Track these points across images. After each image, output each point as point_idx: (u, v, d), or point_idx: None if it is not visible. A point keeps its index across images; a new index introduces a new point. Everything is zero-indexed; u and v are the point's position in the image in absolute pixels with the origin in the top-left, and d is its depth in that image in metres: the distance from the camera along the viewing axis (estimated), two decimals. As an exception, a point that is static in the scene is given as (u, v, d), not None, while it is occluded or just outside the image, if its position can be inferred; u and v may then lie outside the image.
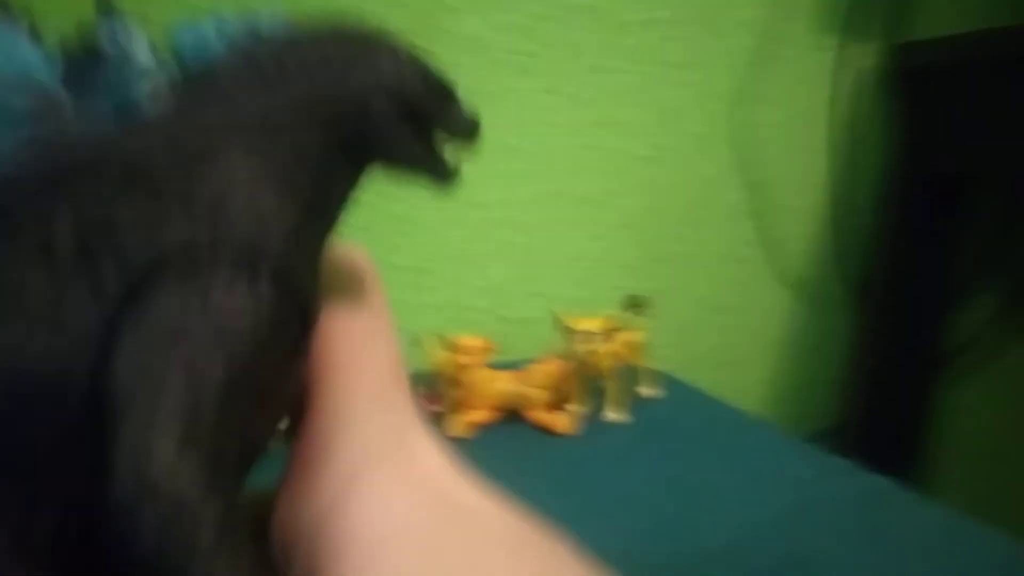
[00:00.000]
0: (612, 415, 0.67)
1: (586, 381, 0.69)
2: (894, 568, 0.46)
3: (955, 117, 0.90)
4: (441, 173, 0.20)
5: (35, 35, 0.17)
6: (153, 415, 0.14)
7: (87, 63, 0.17)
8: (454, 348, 0.65)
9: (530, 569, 0.17)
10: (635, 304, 0.74)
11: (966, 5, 1.00)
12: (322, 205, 0.18)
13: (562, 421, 0.64)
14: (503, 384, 0.66)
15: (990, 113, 0.86)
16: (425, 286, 0.83)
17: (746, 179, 0.96)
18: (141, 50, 0.18)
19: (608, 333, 0.65)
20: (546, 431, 0.64)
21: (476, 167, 0.85)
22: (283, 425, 0.20)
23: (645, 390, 0.74)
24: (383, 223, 0.80)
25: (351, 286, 0.20)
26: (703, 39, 0.89)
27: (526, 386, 0.65)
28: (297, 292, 0.16)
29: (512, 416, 0.66)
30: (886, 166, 0.98)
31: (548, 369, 0.66)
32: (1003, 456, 1.06)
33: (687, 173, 0.92)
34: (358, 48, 0.18)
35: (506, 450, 0.61)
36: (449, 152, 0.20)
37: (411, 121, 0.19)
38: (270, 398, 0.17)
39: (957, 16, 0.99)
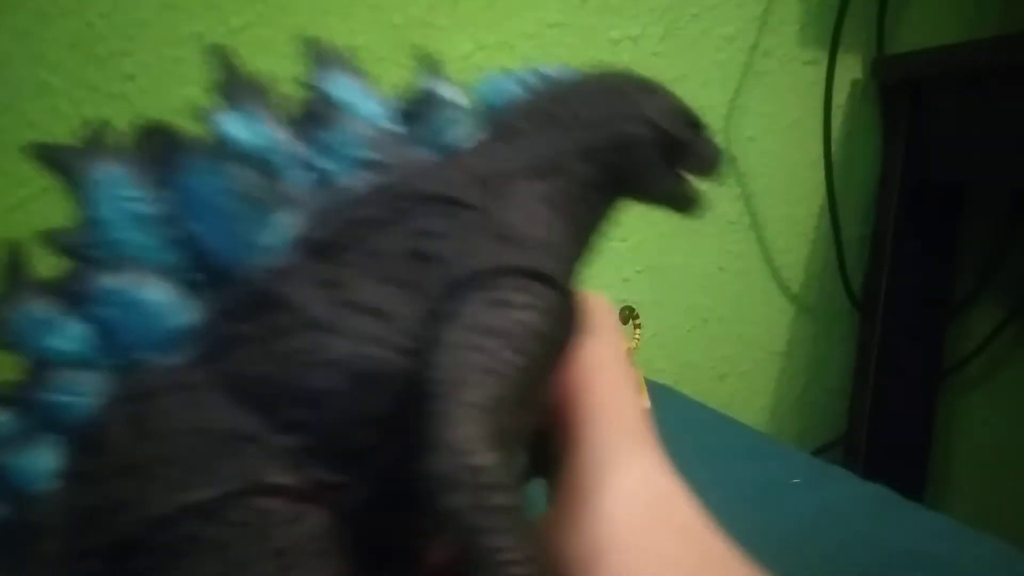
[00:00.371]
0: (608, 427, 0.68)
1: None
2: (886, 574, 0.46)
3: (950, 128, 0.91)
4: (687, 201, 0.23)
5: (375, 86, 0.22)
6: (464, 397, 0.16)
7: (420, 106, 0.21)
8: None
9: None
10: (629, 316, 0.74)
11: (955, 16, 1.01)
12: (588, 233, 0.22)
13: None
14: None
15: (985, 123, 0.87)
16: (421, 302, 0.84)
17: (740, 191, 0.96)
18: (459, 99, 0.22)
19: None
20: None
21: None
22: None
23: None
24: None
25: (600, 326, 0.23)
26: (691, 54, 0.90)
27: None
28: (572, 304, 0.19)
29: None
30: (883, 177, 0.99)
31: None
32: (1010, 467, 1.06)
33: (680, 186, 0.93)
34: (627, 93, 0.22)
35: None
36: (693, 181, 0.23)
37: (666, 156, 0.22)
38: (536, 401, 0.20)
39: (947, 26, 1.00)
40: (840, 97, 0.98)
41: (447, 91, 0.22)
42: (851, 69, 0.98)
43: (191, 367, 0.18)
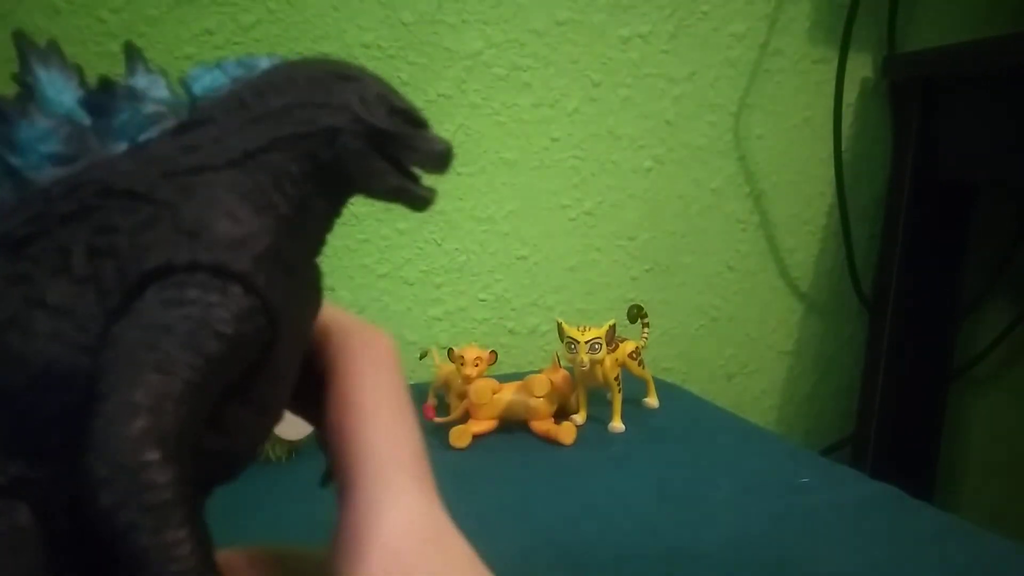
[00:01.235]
0: (615, 425, 0.68)
1: (589, 391, 0.70)
2: (894, 573, 0.46)
3: (961, 127, 0.91)
4: (416, 199, 0.22)
5: (76, 72, 0.21)
6: (126, 395, 0.16)
7: (111, 97, 0.20)
8: (459, 360, 0.65)
9: None
10: (638, 315, 0.74)
11: (967, 14, 1.00)
12: (302, 225, 0.20)
13: (565, 431, 0.65)
14: (507, 395, 0.66)
15: (996, 122, 0.87)
16: (430, 299, 0.84)
17: (750, 189, 0.96)
18: (157, 89, 0.21)
19: (611, 343, 0.66)
20: (549, 441, 0.65)
21: (480, 182, 0.86)
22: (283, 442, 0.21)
23: (648, 400, 0.74)
24: (389, 238, 0.81)
25: (376, 356, 0.23)
26: (701, 52, 0.90)
27: (530, 397, 0.66)
28: (269, 301, 0.18)
29: (516, 426, 0.67)
30: (894, 176, 0.99)
31: (552, 380, 0.67)
32: (1019, 467, 1.05)
33: (690, 184, 0.93)
34: (331, 84, 0.20)
35: (509, 460, 0.61)
36: (425, 178, 0.22)
37: (380, 150, 0.21)
38: (256, 401, 0.20)
39: (959, 25, 1.00)
40: (850, 96, 0.98)
41: (145, 82, 0.21)
42: (862, 68, 0.97)
43: None
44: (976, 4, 1.01)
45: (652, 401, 0.74)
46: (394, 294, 0.82)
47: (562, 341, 0.65)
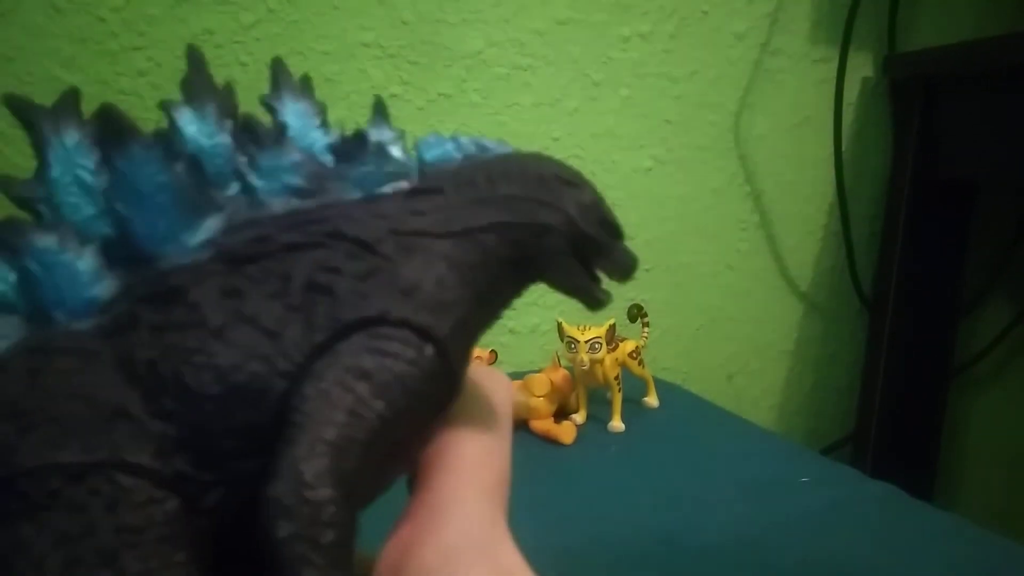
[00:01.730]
0: (615, 425, 0.68)
1: (589, 391, 0.70)
2: (894, 573, 0.46)
3: (962, 126, 0.91)
4: (593, 299, 0.24)
5: (322, 111, 0.22)
6: (319, 432, 0.17)
7: (356, 148, 0.22)
8: (458, 359, 0.65)
9: None
10: (638, 314, 0.74)
11: (967, 13, 1.00)
12: (490, 302, 0.22)
13: (565, 431, 0.65)
14: (507, 394, 0.66)
15: (997, 121, 0.87)
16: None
17: (750, 189, 0.96)
18: (396, 150, 0.22)
19: (611, 343, 0.66)
20: (549, 440, 0.65)
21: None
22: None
23: (648, 400, 0.74)
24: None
25: (489, 400, 0.24)
26: (702, 51, 0.90)
27: (529, 396, 0.66)
28: (452, 366, 0.20)
29: (515, 426, 0.67)
30: (894, 175, 0.99)
31: (552, 379, 0.67)
32: (1020, 466, 1.05)
33: (690, 184, 0.93)
34: (555, 186, 0.22)
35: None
36: (605, 281, 0.24)
37: (578, 253, 0.22)
38: (405, 452, 0.21)
39: (959, 24, 1.00)
40: (851, 95, 0.98)
41: (387, 137, 0.22)
42: (862, 67, 0.97)
43: (93, 336, 0.19)
44: (976, 3, 1.01)
45: (652, 400, 0.74)
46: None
47: (562, 340, 0.65)
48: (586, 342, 0.63)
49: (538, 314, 0.88)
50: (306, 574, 0.16)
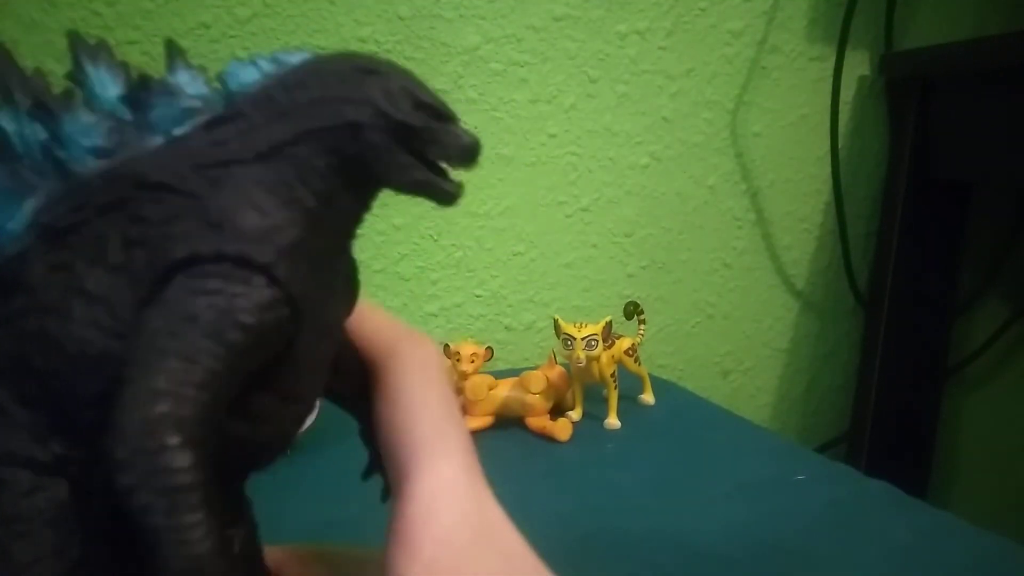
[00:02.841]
0: (611, 422, 0.68)
1: (585, 388, 0.70)
2: (889, 570, 0.46)
3: (958, 125, 0.91)
4: (442, 193, 0.22)
5: (124, 70, 0.22)
6: (150, 382, 0.17)
7: (148, 92, 0.21)
8: (454, 356, 0.65)
9: None
10: (634, 311, 0.74)
11: (964, 13, 1.00)
12: (328, 219, 0.21)
13: (561, 428, 0.64)
14: (503, 391, 0.66)
15: (993, 121, 0.87)
16: (426, 295, 0.84)
17: (747, 186, 0.96)
18: (195, 85, 0.21)
19: (608, 340, 0.66)
20: (545, 437, 0.65)
21: (476, 177, 0.86)
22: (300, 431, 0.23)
23: (644, 397, 0.74)
24: (385, 233, 0.81)
25: (423, 358, 0.24)
26: (699, 49, 0.89)
27: (525, 393, 0.66)
28: (289, 292, 0.19)
29: (512, 423, 0.67)
30: (890, 174, 0.99)
31: (548, 376, 0.66)
32: (1014, 464, 1.06)
33: (686, 181, 0.93)
34: (356, 78, 0.21)
35: (505, 456, 0.61)
36: (451, 171, 0.22)
37: (405, 144, 0.21)
38: (286, 391, 0.20)
39: (956, 24, 1.00)
40: (847, 93, 0.98)
41: (185, 78, 0.21)
42: (859, 65, 0.97)
43: None
44: (973, 3, 1.01)
45: (648, 398, 0.74)
46: (390, 290, 0.82)
47: (558, 337, 0.65)
48: (582, 339, 0.63)
49: (534, 311, 0.88)
50: (157, 521, 0.16)
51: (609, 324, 0.65)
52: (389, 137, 0.21)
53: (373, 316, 0.25)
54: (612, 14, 0.85)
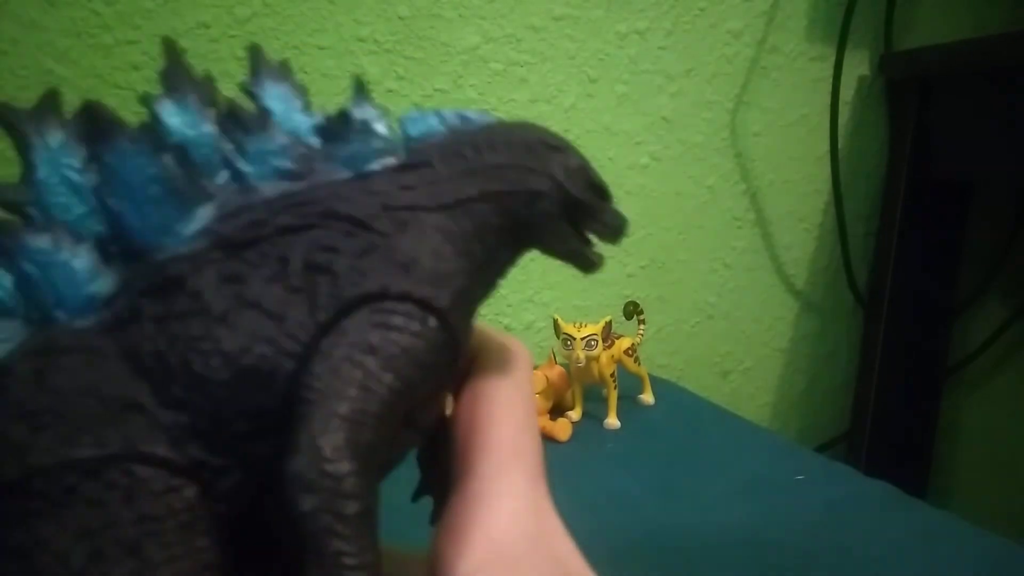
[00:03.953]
0: (611, 422, 0.68)
1: (585, 388, 0.70)
2: (889, 570, 0.46)
3: (957, 125, 0.91)
4: (588, 263, 0.24)
5: (303, 94, 0.23)
6: (334, 407, 0.17)
7: (341, 127, 0.22)
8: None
9: None
10: (634, 311, 0.74)
11: (964, 12, 1.00)
12: (487, 271, 0.22)
13: (561, 428, 0.64)
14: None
15: (993, 121, 0.87)
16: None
17: (746, 186, 0.96)
18: (381, 126, 0.22)
19: (607, 340, 0.66)
20: (545, 437, 0.65)
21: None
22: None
23: (644, 397, 0.74)
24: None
25: (516, 360, 0.24)
26: (698, 49, 0.89)
27: (525, 393, 0.66)
28: (455, 335, 0.20)
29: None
30: (890, 173, 0.99)
31: (548, 376, 0.67)
32: (1013, 464, 1.06)
33: (686, 181, 0.93)
34: (541, 152, 0.22)
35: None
36: (596, 243, 0.24)
37: (569, 216, 0.23)
38: (415, 422, 0.21)
39: (956, 23, 1.00)
40: (847, 93, 0.98)
41: (371, 115, 0.22)
42: (859, 65, 0.97)
43: (96, 332, 0.19)
44: (973, 2, 1.01)
45: (648, 398, 0.74)
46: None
47: (558, 337, 0.65)
48: (582, 339, 0.63)
49: (534, 311, 0.88)
50: (334, 545, 0.16)
51: (609, 324, 0.65)
52: (561, 208, 0.22)
53: None
54: (612, 14, 0.85)
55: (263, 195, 0.20)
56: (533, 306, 0.88)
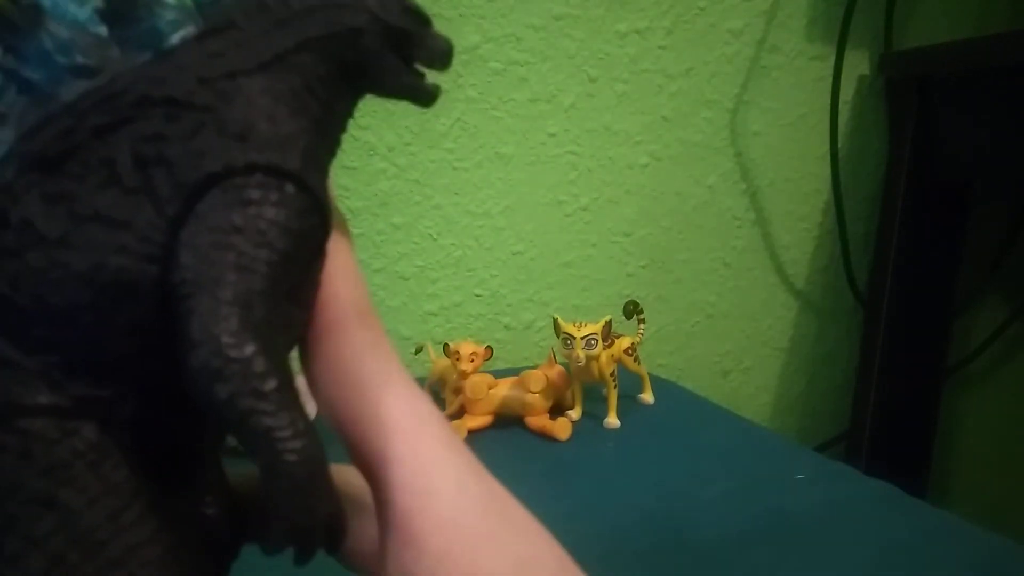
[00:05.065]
0: (610, 421, 0.68)
1: (585, 387, 0.69)
2: (888, 570, 0.46)
3: (957, 125, 0.91)
4: (426, 95, 0.23)
5: None
6: (218, 294, 0.17)
7: (130, 5, 0.19)
8: (454, 355, 0.65)
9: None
10: (634, 311, 0.74)
11: (964, 12, 1.01)
12: (328, 125, 0.21)
13: (560, 427, 0.64)
14: (503, 390, 0.66)
15: (993, 121, 0.87)
16: (426, 294, 0.84)
17: (746, 186, 0.96)
18: None
19: (607, 339, 0.66)
20: (544, 437, 0.65)
21: (476, 176, 0.86)
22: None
23: (644, 396, 0.74)
24: (384, 232, 0.81)
25: (359, 310, 0.22)
26: (698, 48, 0.89)
27: (525, 392, 0.66)
28: (316, 196, 0.19)
29: (511, 422, 0.67)
30: (890, 173, 0.99)
31: (547, 375, 0.66)
32: (1013, 464, 1.06)
33: (686, 180, 0.93)
34: None
35: (504, 456, 0.61)
36: (429, 76, 0.23)
37: (395, 49, 0.21)
38: (298, 298, 0.20)
39: (956, 23, 1.00)
40: (847, 93, 0.98)
41: None
42: (859, 65, 0.97)
43: None
44: (973, 2, 1.01)
45: (647, 397, 0.74)
46: (389, 289, 0.82)
47: (558, 337, 0.65)
48: (582, 338, 0.63)
49: (534, 310, 0.88)
50: (263, 423, 0.16)
51: (609, 323, 0.65)
52: (383, 41, 0.21)
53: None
54: (612, 13, 0.85)
55: (62, 100, 0.18)
56: (533, 305, 0.88)
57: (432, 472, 0.19)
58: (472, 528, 0.18)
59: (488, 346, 0.67)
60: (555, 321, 0.65)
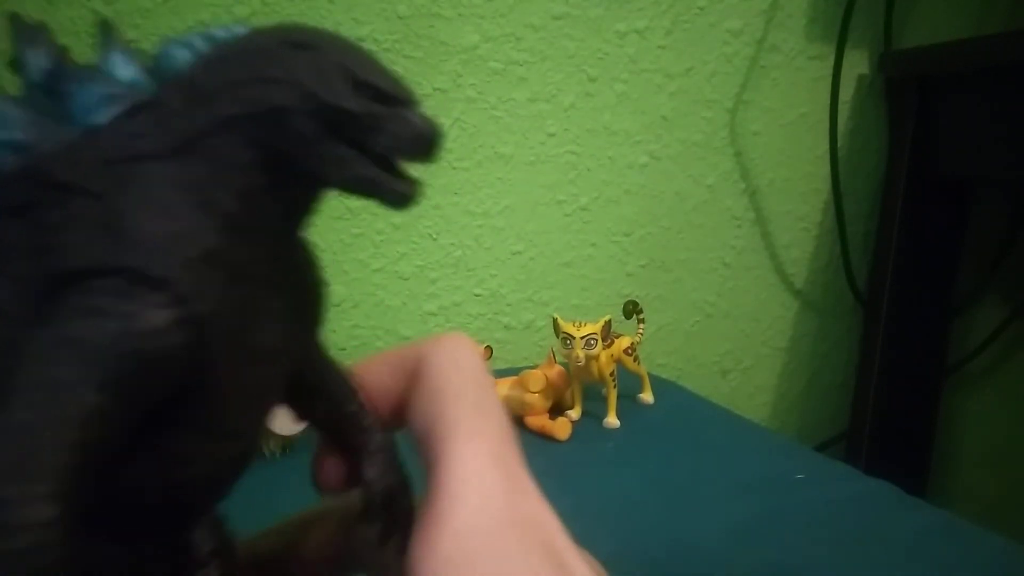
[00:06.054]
0: (610, 421, 0.68)
1: (584, 387, 0.69)
2: (889, 570, 0.46)
3: (957, 124, 0.91)
4: (391, 193, 0.18)
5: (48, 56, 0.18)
6: (13, 415, 0.14)
7: (66, 78, 0.18)
8: (453, 355, 0.65)
9: None
10: (634, 310, 0.74)
11: (963, 11, 1.00)
12: (254, 225, 0.17)
13: (560, 427, 0.64)
14: (502, 390, 0.66)
15: (992, 119, 0.87)
16: (424, 294, 0.84)
17: (746, 186, 0.96)
18: (126, 70, 0.18)
19: (607, 339, 0.66)
20: (544, 437, 0.65)
21: (475, 176, 0.85)
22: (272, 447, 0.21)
23: (643, 396, 0.74)
24: (384, 232, 0.81)
25: (456, 347, 0.22)
26: (698, 48, 0.89)
27: (525, 392, 0.66)
28: (196, 315, 0.16)
29: (511, 422, 0.67)
30: (889, 172, 0.99)
31: (547, 375, 0.66)
32: (1013, 463, 1.06)
33: (685, 180, 0.93)
34: (283, 54, 0.17)
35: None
36: (407, 168, 0.19)
37: (341, 133, 0.17)
38: (190, 432, 0.17)
39: (955, 22, 1.00)
40: (847, 92, 0.98)
41: (116, 60, 0.18)
42: (858, 64, 0.97)
43: None
44: (972, 2, 1.01)
45: (647, 397, 0.74)
46: (388, 289, 0.82)
47: (557, 337, 0.65)
48: (582, 338, 0.63)
49: (533, 310, 0.88)
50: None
51: (608, 323, 0.65)
52: (320, 125, 0.17)
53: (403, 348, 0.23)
54: (611, 13, 0.85)
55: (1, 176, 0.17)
56: (533, 305, 0.88)
57: (467, 483, 0.19)
58: (481, 539, 0.18)
59: (488, 346, 0.67)
60: (555, 321, 0.65)
